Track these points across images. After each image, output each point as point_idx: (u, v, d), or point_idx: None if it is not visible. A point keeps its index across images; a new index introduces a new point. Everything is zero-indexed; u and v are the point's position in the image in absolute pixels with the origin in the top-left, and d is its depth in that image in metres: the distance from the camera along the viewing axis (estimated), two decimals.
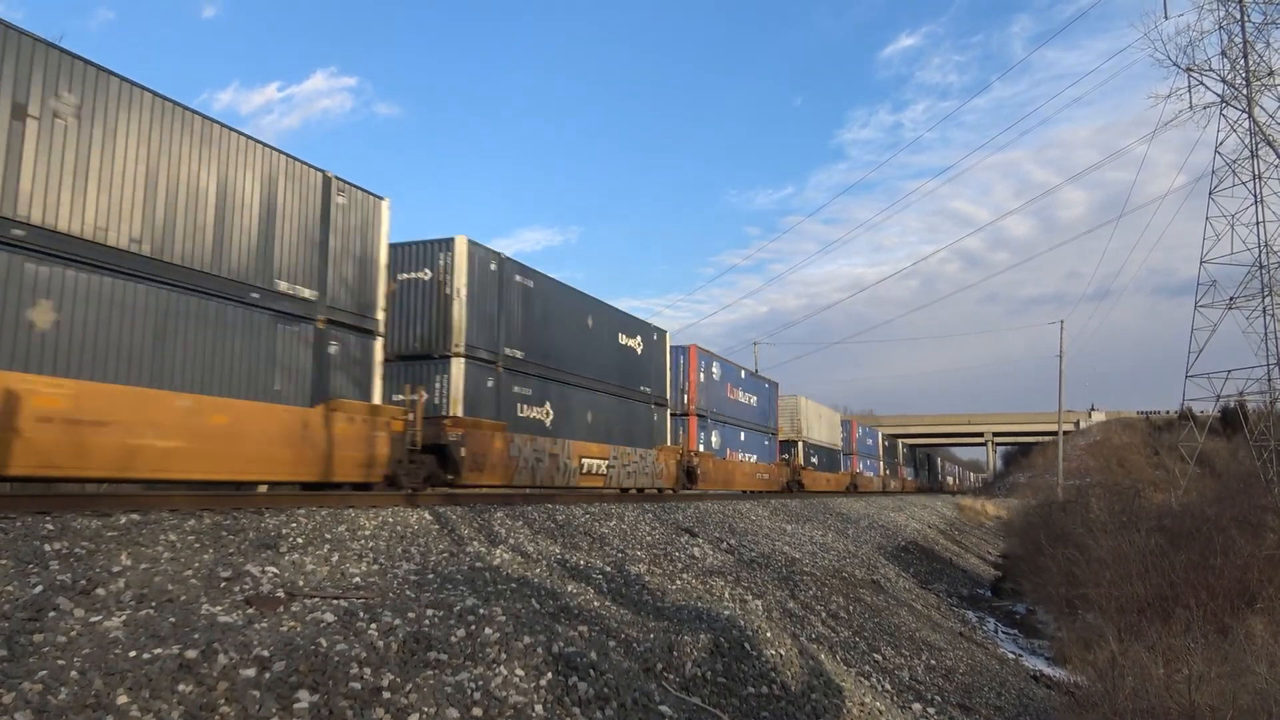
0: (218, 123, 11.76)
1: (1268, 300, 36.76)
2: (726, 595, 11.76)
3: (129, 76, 10.52)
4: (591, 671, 6.75)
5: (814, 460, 44.93)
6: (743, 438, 33.74)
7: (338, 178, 13.94)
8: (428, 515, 12.03)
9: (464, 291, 16.66)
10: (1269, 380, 37.22)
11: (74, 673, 4.80)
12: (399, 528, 10.86)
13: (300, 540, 9.17)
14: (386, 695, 5.43)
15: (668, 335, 27.18)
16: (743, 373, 34.90)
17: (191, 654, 5.16)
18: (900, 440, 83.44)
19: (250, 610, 6.41)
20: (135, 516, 8.60)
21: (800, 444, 42.63)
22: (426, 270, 16.90)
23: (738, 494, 30.74)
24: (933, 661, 14.52)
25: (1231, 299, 38.67)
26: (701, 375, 29.47)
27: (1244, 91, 36.26)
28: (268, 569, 7.60)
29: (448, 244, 16.88)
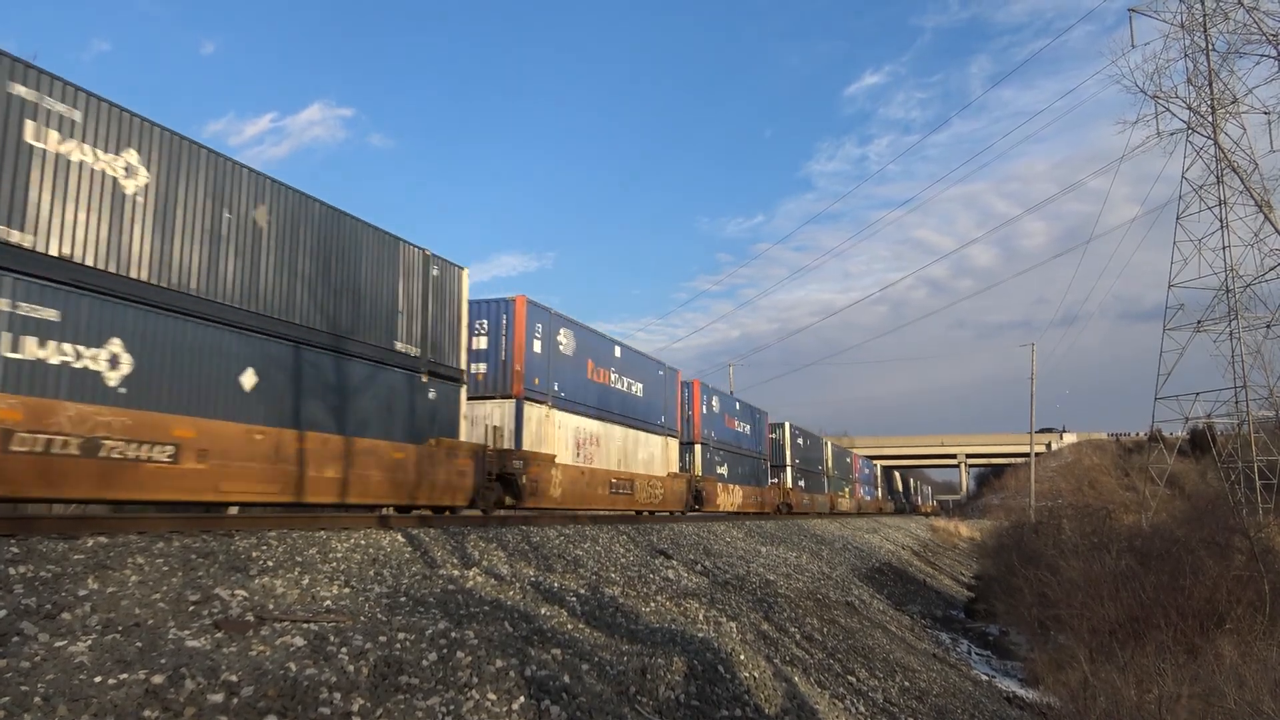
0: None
1: (1234, 324, 37.33)
2: (701, 617, 11.74)
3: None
4: (564, 695, 6.71)
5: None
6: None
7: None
8: (400, 538, 11.94)
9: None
10: (1236, 403, 37.75)
11: (38, 699, 4.72)
12: (371, 550, 10.77)
13: (271, 563, 9.07)
14: None
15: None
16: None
17: (158, 679, 5.10)
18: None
19: (219, 634, 6.33)
20: (103, 539, 8.48)
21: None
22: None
23: (718, 515, 31.05)
24: (906, 683, 14.53)
25: (1199, 322, 39.22)
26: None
27: (1209, 119, 36.94)
28: (237, 592, 7.52)
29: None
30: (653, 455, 26.14)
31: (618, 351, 24.22)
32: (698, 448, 30.96)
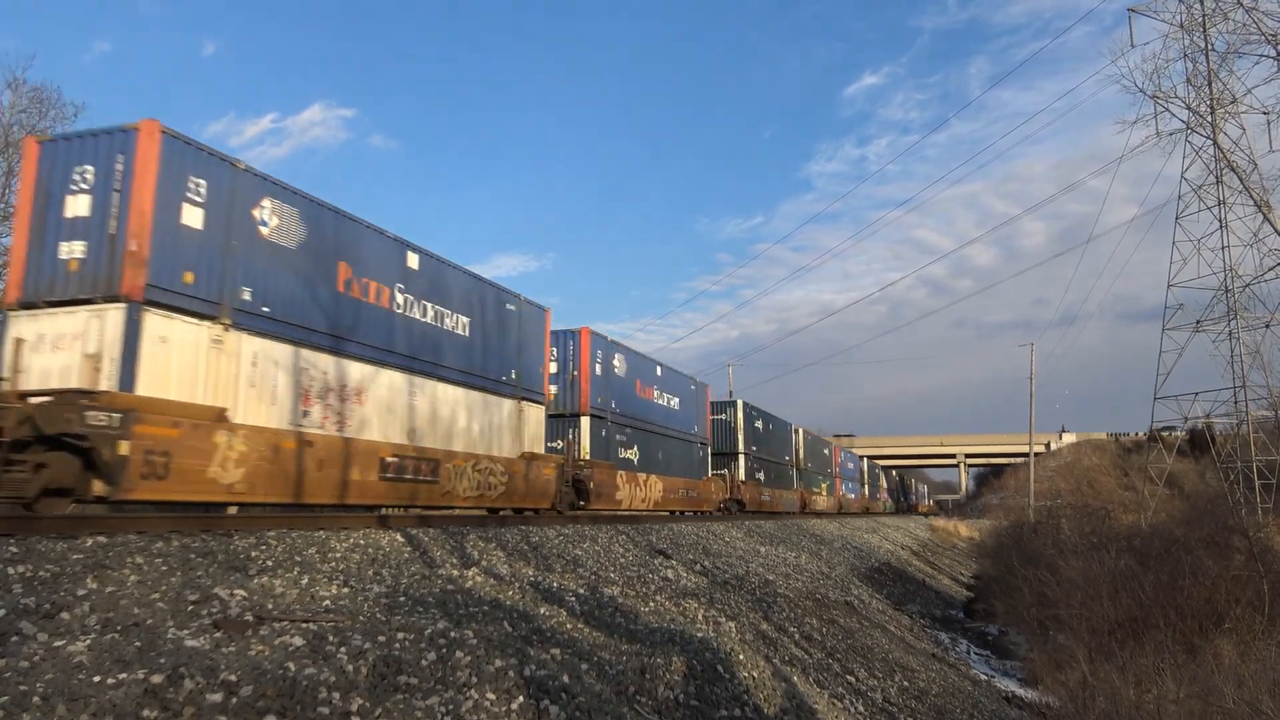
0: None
1: (1233, 323, 37.38)
2: (700, 617, 11.74)
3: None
4: (563, 695, 6.71)
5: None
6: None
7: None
8: (399, 537, 11.95)
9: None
10: (1235, 402, 37.78)
11: (37, 698, 4.72)
12: (370, 550, 10.78)
13: (270, 563, 9.07)
14: None
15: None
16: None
17: (157, 679, 5.09)
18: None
19: (218, 634, 6.32)
20: (102, 539, 8.49)
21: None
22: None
23: (708, 516, 30.49)
24: (906, 683, 14.53)
25: (1198, 322, 39.26)
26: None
27: (1208, 119, 36.95)
28: (236, 592, 7.51)
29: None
30: (492, 426, 18.32)
31: (414, 260, 16.09)
32: (585, 421, 22.37)
